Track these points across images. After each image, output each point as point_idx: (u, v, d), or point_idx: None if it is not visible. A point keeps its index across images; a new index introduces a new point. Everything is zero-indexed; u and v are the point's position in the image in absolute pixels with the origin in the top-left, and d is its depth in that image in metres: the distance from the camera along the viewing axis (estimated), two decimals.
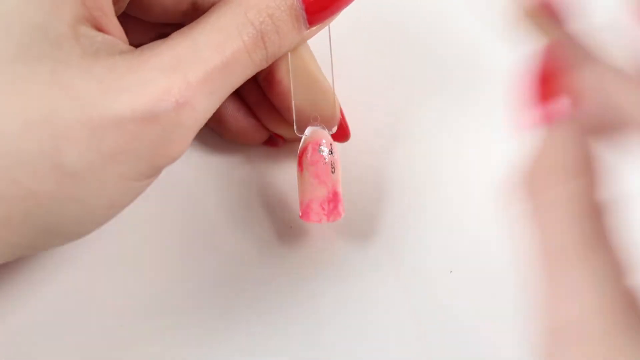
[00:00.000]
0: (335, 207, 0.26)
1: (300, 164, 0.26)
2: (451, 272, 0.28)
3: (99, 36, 0.21)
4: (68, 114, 0.20)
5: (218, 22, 0.22)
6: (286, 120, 0.28)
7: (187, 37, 0.22)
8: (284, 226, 0.29)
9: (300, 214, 0.26)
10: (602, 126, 0.18)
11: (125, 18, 0.25)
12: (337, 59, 0.27)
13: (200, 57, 0.21)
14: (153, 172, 0.22)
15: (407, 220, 0.29)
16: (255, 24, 0.23)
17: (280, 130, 0.29)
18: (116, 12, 0.24)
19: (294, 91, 0.26)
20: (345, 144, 0.29)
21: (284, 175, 0.30)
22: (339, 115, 0.27)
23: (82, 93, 0.20)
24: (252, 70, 0.23)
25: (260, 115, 0.29)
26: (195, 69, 0.21)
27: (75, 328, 0.27)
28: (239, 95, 0.29)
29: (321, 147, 0.26)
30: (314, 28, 0.25)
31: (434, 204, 0.30)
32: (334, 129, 0.27)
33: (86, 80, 0.20)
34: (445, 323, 0.27)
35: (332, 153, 0.26)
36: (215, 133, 0.30)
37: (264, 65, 0.24)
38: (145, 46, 0.22)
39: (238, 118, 0.29)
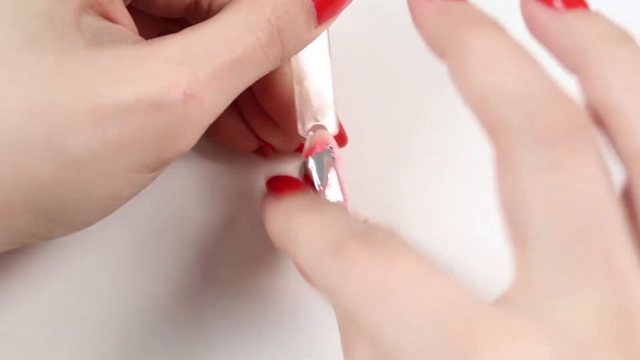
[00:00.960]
0: (345, 207, 0.26)
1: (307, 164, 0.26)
2: (451, 272, 0.29)
3: (106, 25, 0.21)
4: (73, 102, 0.19)
5: (230, 18, 0.22)
6: (278, 130, 0.28)
7: (198, 32, 0.22)
8: None
9: None
10: None
11: (129, 11, 0.24)
12: (335, 62, 0.28)
13: (210, 52, 0.21)
14: (158, 165, 0.22)
15: (407, 221, 0.30)
16: (271, 20, 0.22)
17: (271, 139, 0.29)
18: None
19: (297, 96, 0.26)
20: (348, 146, 0.30)
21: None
22: (336, 123, 0.27)
23: (87, 82, 0.20)
24: (267, 69, 0.23)
25: (252, 122, 0.29)
26: (204, 63, 0.21)
27: (74, 321, 0.27)
28: (232, 101, 0.29)
29: (329, 146, 0.26)
30: (318, 29, 0.25)
31: (434, 204, 0.31)
32: (336, 131, 0.27)
33: (91, 69, 0.20)
34: None
35: (336, 155, 0.26)
36: (209, 139, 0.30)
37: (279, 64, 0.24)
38: (154, 39, 0.21)
39: (228, 123, 0.28)
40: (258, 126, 0.29)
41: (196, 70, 0.21)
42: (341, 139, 0.29)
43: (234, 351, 0.27)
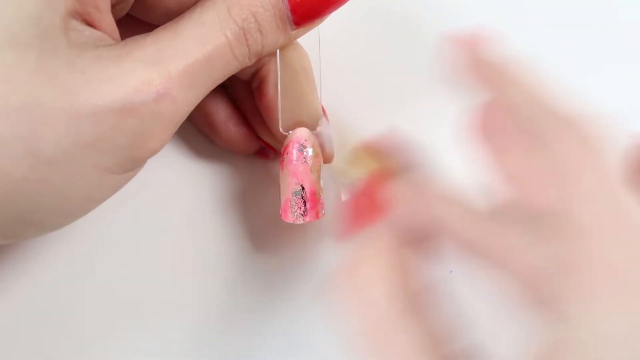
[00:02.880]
0: (313, 207, 0.25)
1: (281, 161, 0.26)
2: (451, 272, 0.27)
3: (87, 30, 0.22)
4: (49, 102, 0.20)
5: (201, 17, 0.23)
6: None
7: (170, 31, 0.22)
8: (283, 227, 0.29)
9: (279, 212, 0.26)
10: (417, 235, 0.21)
11: (129, 20, 0.25)
12: (325, 60, 0.27)
13: (182, 50, 0.22)
14: (132, 164, 0.22)
15: None
16: (237, 21, 0.23)
17: (272, 141, 0.29)
18: (120, 12, 0.25)
19: (281, 100, 0.26)
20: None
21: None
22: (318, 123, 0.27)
23: (65, 82, 0.20)
24: (236, 67, 0.23)
25: (254, 123, 0.29)
26: (176, 61, 0.21)
27: (74, 321, 0.28)
28: (233, 103, 0.29)
29: (302, 145, 0.26)
30: (301, 29, 0.24)
31: None
32: (318, 130, 0.27)
33: (70, 70, 0.20)
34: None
35: (314, 153, 0.26)
36: (210, 141, 0.30)
37: (247, 63, 0.24)
38: (129, 39, 0.22)
39: (229, 126, 0.29)
40: (259, 127, 0.29)
41: (169, 67, 0.21)
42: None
43: (234, 351, 0.27)
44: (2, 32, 0.20)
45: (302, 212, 0.25)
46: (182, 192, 0.30)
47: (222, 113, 0.29)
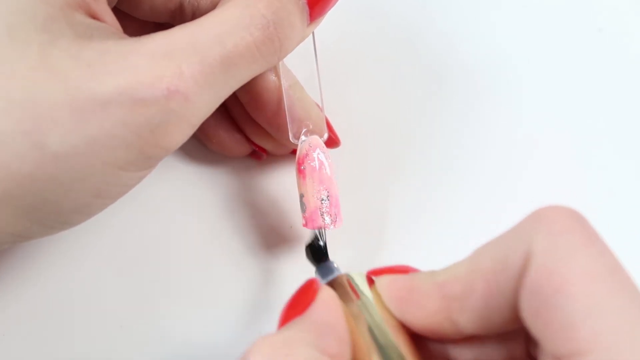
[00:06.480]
0: (339, 212, 0.26)
1: (300, 171, 0.26)
2: None
3: (94, 23, 0.21)
4: (53, 96, 0.19)
5: (222, 14, 0.22)
6: (270, 135, 0.28)
7: (186, 28, 0.21)
8: (283, 227, 0.29)
9: (304, 222, 0.26)
10: None
11: (116, 14, 0.24)
12: (321, 65, 0.27)
13: (197, 48, 0.21)
14: (144, 162, 0.21)
15: (407, 223, 0.30)
16: (267, 16, 0.22)
17: (264, 144, 0.29)
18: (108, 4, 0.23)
19: (287, 105, 0.26)
20: (340, 150, 0.29)
21: (276, 182, 0.30)
22: (325, 127, 0.28)
23: (69, 75, 0.19)
24: (261, 66, 0.22)
25: (245, 128, 0.28)
26: (190, 59, 0.20)
27: (74, 322, 0.27)
28: (223, 107, 0.28)
29: (321, 153, 0.26)
30: (310, 27, 0.24)
31: (432, 206, 0.31)
32: (325, 136, 0.27)
33: (74, 63, 0.20)
34: None
35: (329, 159, 0.26)
36: (202, 144, 0.30)
37: (275, 61, 0.23)
38: (144, 35, 0.21)
39: (219, 130, 0.28)
40: (251, 131, 0.28)
41: (181, 65, 0.20)
42: (333, 142, 0.29)
43: (235, 352, 0.27)
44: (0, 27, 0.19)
45: (332, 219, 0.26)
46: (178, 193, 0.29)
47: (212, 119, 0.28)
